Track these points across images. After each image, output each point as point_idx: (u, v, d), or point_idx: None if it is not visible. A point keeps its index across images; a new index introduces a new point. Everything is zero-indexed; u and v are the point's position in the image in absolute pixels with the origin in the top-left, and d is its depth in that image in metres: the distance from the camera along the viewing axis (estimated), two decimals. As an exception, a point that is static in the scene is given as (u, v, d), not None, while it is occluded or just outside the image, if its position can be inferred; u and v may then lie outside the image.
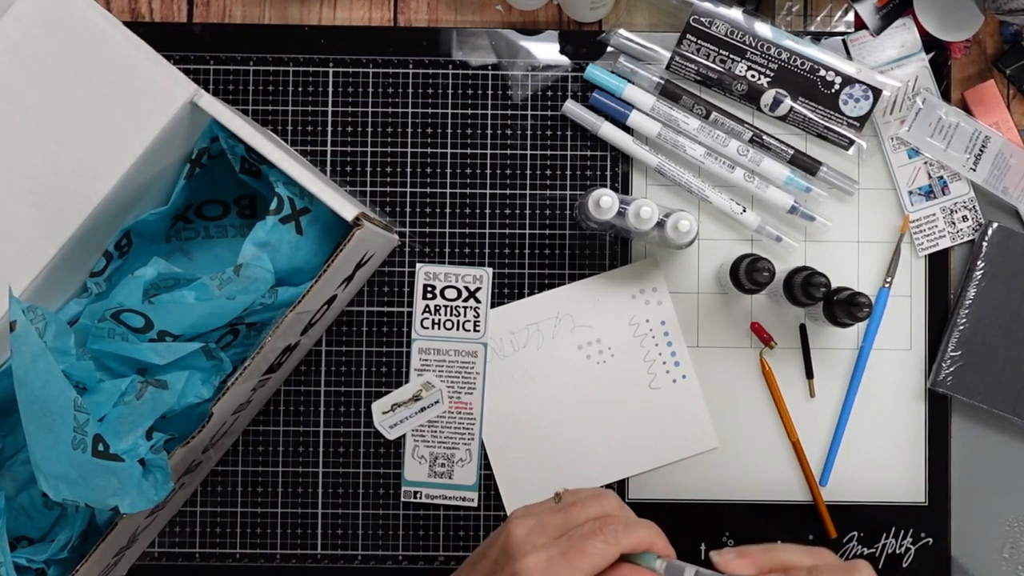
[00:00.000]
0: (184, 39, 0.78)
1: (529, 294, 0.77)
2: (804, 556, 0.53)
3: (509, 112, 0.78)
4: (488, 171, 0.78)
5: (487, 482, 0.77)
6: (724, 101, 0.78)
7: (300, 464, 0.77)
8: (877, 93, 0.76)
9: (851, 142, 0.76)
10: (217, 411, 0.62)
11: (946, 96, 0.78)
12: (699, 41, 0.76)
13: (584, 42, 0.78)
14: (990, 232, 0.76)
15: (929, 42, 0.77)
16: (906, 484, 0.77)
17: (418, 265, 0.77)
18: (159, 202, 0.69)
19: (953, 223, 0.77)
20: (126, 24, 0.63)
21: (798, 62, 0.76)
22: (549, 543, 0.53)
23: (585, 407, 0.77)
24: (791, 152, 0.77)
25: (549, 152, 0.78)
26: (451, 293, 0.77)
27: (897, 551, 0.76)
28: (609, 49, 0.78)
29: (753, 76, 0.76)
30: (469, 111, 0.78)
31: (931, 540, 0.76)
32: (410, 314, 0.77)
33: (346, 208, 0.63)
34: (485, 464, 0.77)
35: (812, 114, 0.76)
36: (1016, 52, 0.77)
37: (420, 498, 0.77)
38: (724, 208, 0.76)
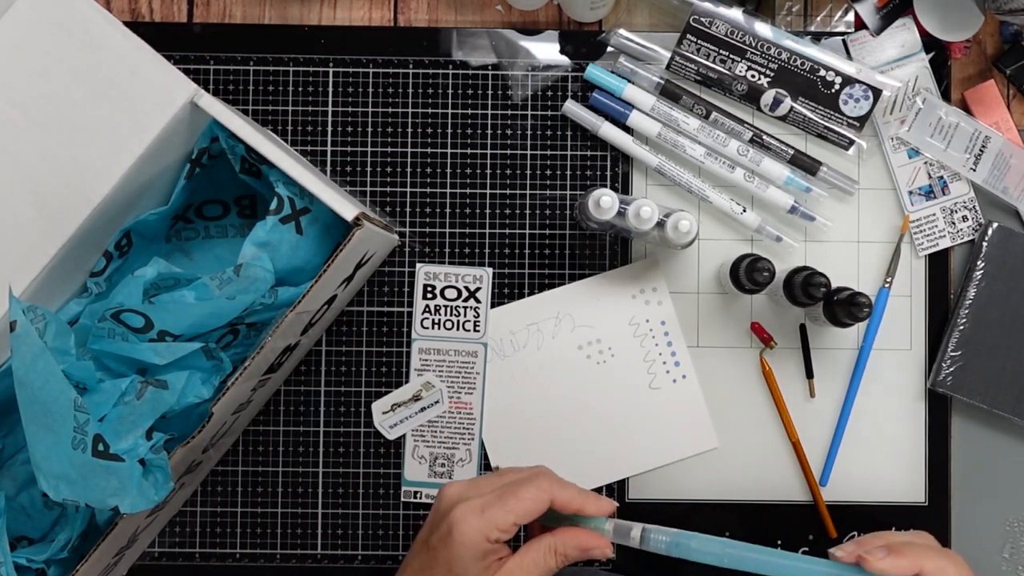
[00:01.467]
0: (184, 39, 0.78)
1: (529, 294, 0.77)
2: (941, 549, 0.52)
3: (509, 112, 0.78)
4: (488, 171, 0.78)
5: (487, 482, 0.77)
6: (724, 101, 0.78)
7: (300, 464, 0.77)
8: (877, 93, 0.76)
9: (851, 142, 0.76)
10: (217, 411, 0.62)
11: (946, 96, 0.78)
12: (699, 41, 0.76)
13: (584, 42, 0.78)
14: (990, 232, 0.76)
15: (929, 42, 0.77)
16: (906, 484, 0.77)
17: (418, 265, 0.77)
18: (159, 202, 0.69)
19: (953, 223, 0.77)
20: (126, 24, 0.63)
21: (798, 62, 0.76)
22: (485, 494, 0.54)
23: (585, 407, 0.77)
24: (791, 152, 0.77)
25: (549, 152, 0.78)
26: (451, 293, 0.77)
27: (897, 551, 0.76)
28: (609, 49, 0.78)
29: (753, 76, 0.76)
30: (469, 111, 0.78)
31: (931, 540, 0.76)
32: (410, 314, 0.77)
33: (346, 208, 0.63)
34: (485, 464, 0.77)
35: (812, 114, 0.76)
36: (1016, 52, 0.77)
37: (420, 498, 0.77)
38: (724, 208, 0.76)
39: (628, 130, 0.77)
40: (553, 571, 0.54)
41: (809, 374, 0.77)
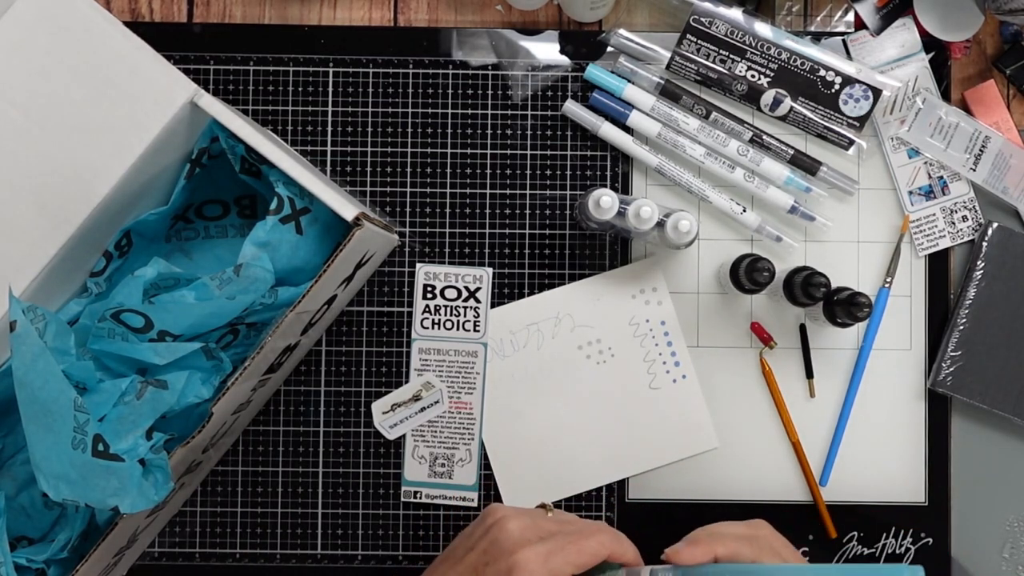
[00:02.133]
0: (184, 39, 0.78)
1: (529, 294, 0.77)
2: (744, 533, 0.57)
3: (509, 112, 0.78)
4: (488, 171, 0.78)
5: (487, 482, 0.77)
6: (724, 101, 0.78)
7: (300, 464, 0.77)
8: (877, 93, 0.76)
9: (851, 142, 0.76)
10: (217, 411, 0.62)
11: (946, 96, 0.78)
12: (699, 41, 0.76)
13: (584, 42, 0.78)
14: (990, 232, 0.76)
15: (929, 42, 0.77)
16: (906, 484, 0.77)
17: (418, 265, 0.77)
18: (159, 202, 0.69)
19: (953, 223, 0.77)
20: (126, 24, 0.63)
21: (798, 62, 0.76)
22: (546, 539, 0.55)
23: (585, 407, 0.77)
24: (791, 152, 0.77)
25: (549, 152, 0.78)
26: (451, 293, 0.77)
27: (897, 551, 0.76)
28: (609, 49, 0.78)
29: (753, 76, 0.76)
30: (469, 111, 0.78)
31: (931, 540, 0.76)
32: (410, 314, 0.77)
33: (346, 208, 0.63)
34: (485, 464, 0.77)
35: (812, 114, 0.76)
36: (1016, 52, 0.77)
37: (420, 498, 0.77)
38: (724, 208, 0.76)
39: (628, 130, 0.77)
40: None
41: (809, 374, 0.77)
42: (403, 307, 0.77)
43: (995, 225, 0.76)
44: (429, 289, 0.77)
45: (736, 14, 0.76)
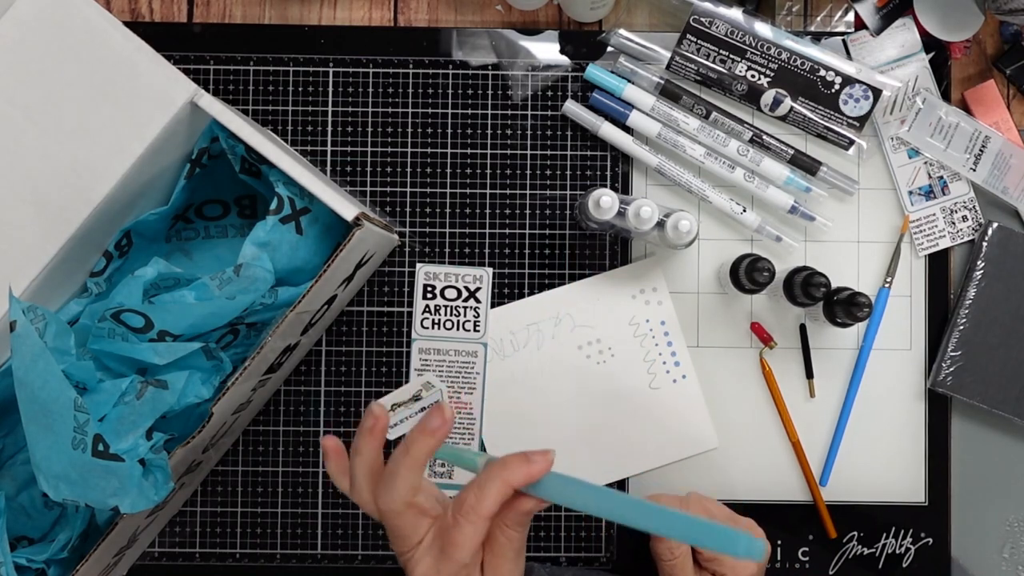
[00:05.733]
0: (184, 39, 0.78)
1: (529, 294, 0.77)
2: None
3: (509, 112, 0.78)
4: (488, 171, 0.78)
5: (487, 482, 0.77)
6: (724, 101, 0.78)
7: (300, 464, 0.77)
8: (877, 93, 0.76)
9: (851, 142, 0.76)
10: (217, 411, 0.62)
11: (946, 96, 0.78)
12: (699, 41, 0.76)
13: (584, 42, 0.78)
14: (990, 232, 0.76)
15: (929, 42, 0.77)
16: (906, 484, 0.77)
17: (418, 265, 0.77)
18: (159, 202, 0.69)
19: (953, 223, 0.77)
20: (126, 24, 0.63)
21: (798, 62, 0.76)
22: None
23: (585, 407, 0.77)
24: (791, 152, 0.77)
25: (549, 152, 0.78)
26: (451, 293, 0.77)
27: (897, 551, 0.76)
28: (609, 49, 0.78)
29: (753, 76, 0.76)
30: (469, 111, 0.78)
31: (931, 540, 0.76)
32: (410, 314, 0.77)
33: (346, 208, 0.63)
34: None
35: (812, 114, 0.76)
36: (1016, 52, 0.77)
37: (420, 498, 0.77)
38: (724, 208, 0.76)
39: (628, 130, 0.77)
40: (411, 476, 0.54)
41: (809, 374, 0.77)
42: (403, 307, 0.77)
43: (995, 225, 0.76)
44: (429, 289, 0.77)
45: (736, 14, 0.76)
